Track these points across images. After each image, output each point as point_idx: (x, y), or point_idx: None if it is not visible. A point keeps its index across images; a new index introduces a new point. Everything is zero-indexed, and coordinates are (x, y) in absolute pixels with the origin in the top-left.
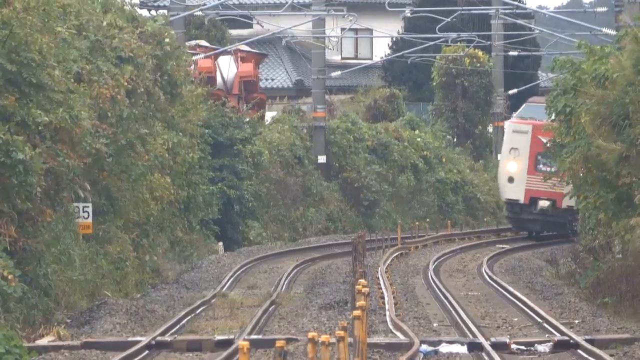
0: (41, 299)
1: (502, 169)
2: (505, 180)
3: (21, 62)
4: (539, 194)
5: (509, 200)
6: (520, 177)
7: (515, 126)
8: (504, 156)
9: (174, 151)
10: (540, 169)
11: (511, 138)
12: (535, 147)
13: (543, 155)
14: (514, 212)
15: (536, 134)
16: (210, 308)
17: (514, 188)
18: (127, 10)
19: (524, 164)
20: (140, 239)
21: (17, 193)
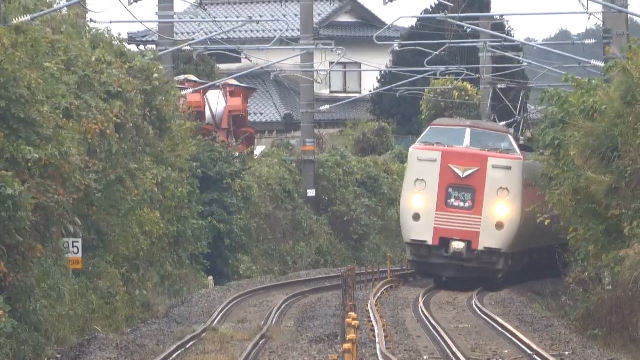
0: (31, 334)
1: (405, 204)
2: (410, 217)
3: (10, 98)
4: (450, 234)
5: (414, 241)
6: (428, 214)
7: (421, 153)
8: (408, 189)
9: (164, 186)
10: (451, 204)
11: (416, 167)
12: (445, 178)
13: (455, 188)
14: (420, 256)
15: (447, 163)
16: (201, 342)
17: (420, 227)
18: (115, 46)
19: (432, 199)
20: (130, 274)
21: (7, 228)
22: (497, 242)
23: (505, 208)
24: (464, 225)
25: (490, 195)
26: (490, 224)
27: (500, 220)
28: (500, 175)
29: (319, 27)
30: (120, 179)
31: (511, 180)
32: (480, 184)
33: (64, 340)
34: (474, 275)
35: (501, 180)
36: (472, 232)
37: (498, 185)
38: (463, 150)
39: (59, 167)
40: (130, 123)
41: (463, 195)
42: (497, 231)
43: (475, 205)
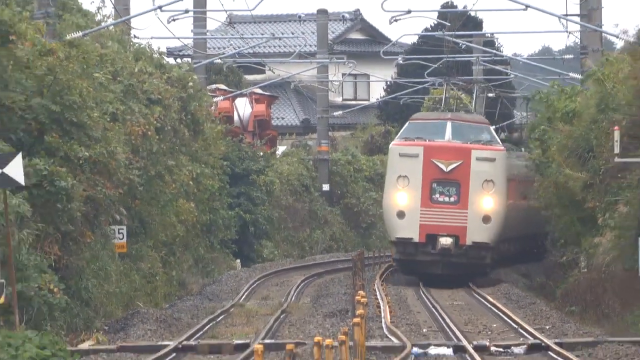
0: (82, 309)
1: (388, 202)
2: (394, 215)
3: (64, 104)
4: (437, 230)
5: (399, 239)
6: (413, 210)
7: (401, 149)
8: (390, 186)
9: (197, 180)
10: (436, 199)
11: (398, 164)
12: (429, 173)
13: (440, 183)
14: (406, 254)
15: (429, 158)
16: (229, 316)
17: (406, 224)
18: (155, 58)
19: (416, 195)
20: (168, 257)
21: (61, 217)
22: (485, 236)
23: (491, 201)
24: (451, 221)
25: (476, 188)
26: (477, 217)
27: (487, 213)
28: (484, 168)
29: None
30: (159, 174)
31: (496, 172)
32: (465, 178)
33: (110, 314)
34: (462, 272)
35: (486, 172)
36: (459, 227)
37: (483, 178)
38: (445, 144)
39: (107, 164)
40: (168, 126)
41: (448, 190)
42: (485, 225)
43: (461, 200)
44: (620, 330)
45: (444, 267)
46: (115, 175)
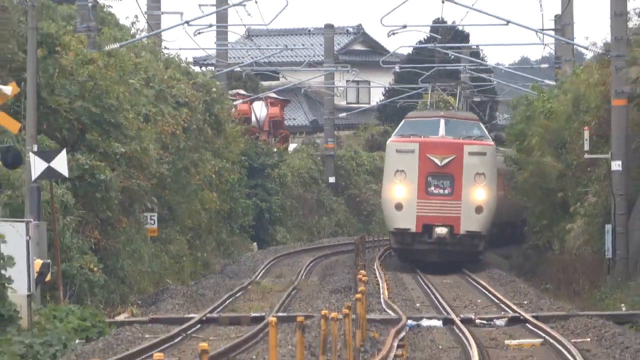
0: (118, 285)
1: (387, 195)
2: (392, 207)
3: (103, 106)
4: (433, 220)
5: (397, 230)
6: (410, 202)
7: (398, 145)
8: (388, 180)
9: (219, 173)
10: (432, 191)
11: (395, 159)
12: (424, 167)
13: (435, 177)
14: (404, 243)
15: (425, 153)
16: (247, 292)
17: (403, 216)
18: (183, 67)
19: (412, 188)
20: (194, 240)
21: (100, 205)
22: (478, 226)
23: (483, 192)
24: (446, 211)
25: (468, 180)
26: (470, 208)
27: (479, 204)
28: (476, 161)
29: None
30: (186, 168)
31: (486, 165)
32: (458, 171)
33: (143, 290)
34: (457, 259)
35: (477, 165)
36: (454, 217)
37: (475, 171)
38: (439, 140)
39: (140, 159)
40: (194, 125)
41: (442, 183)
42: (477, 215)
43: (455, 191)
44: (589, 305)
45: (440, 255)
46: (147, 169)
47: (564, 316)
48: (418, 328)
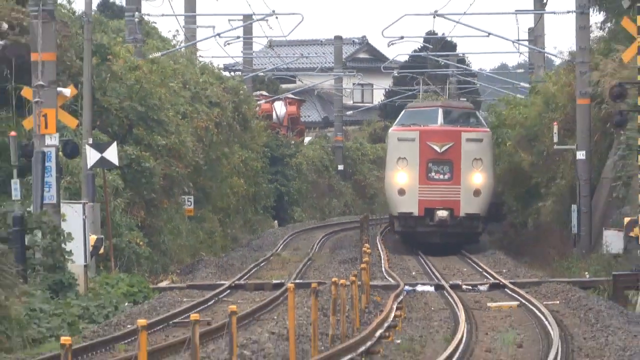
0: (161, 257)
1: (390, 181)
2: (395, 193)
3: (147, 105)
4: (434, 204)
5: (401, 214)
6: (412, 188)
7: (400, 134)
8: (391, 167)
9: (246, 162)
10: (432, 177)
11: (397, 147)
12: (425, 154)
13: (435, 163)
14: (407, 226)
15: (425, 140)
16: (269, 263)
17: (406, 200)
18: (215, 72)
19: (414, 174)
20: (224, 219)
21: (145, 189)
22: (476, 208)
23: (480, 176)
24: (446, 195)
25: (467, 166)
26: (468, 192)
27: (477, 187)
28: (473, 148)
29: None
30: (217, 158)
31: (483, 151)
32: (457, 157)
33: (181, 261)
34: (457, 240)
35: (475, 151)
36: (454, 200)
37: (472, 157)
38: (438, 128)
39: (179, 150)
40: (224, 122)
41: (442, 168)
42: (476, 198)
43: (454, 176)
44: (558, 273)
45: (442, 237)
46: (185, 158)
47: (537, 282)
48: (414, 293)
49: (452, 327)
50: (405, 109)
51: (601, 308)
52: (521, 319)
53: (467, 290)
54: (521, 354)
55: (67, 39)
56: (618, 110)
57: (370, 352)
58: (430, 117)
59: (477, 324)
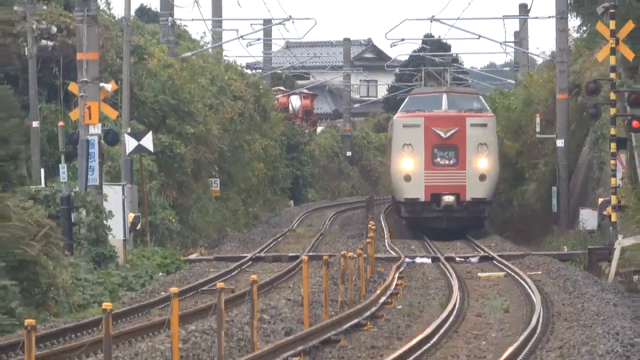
0: (190, 232)
1: (396, 167)
2: (402, 179)
3: (179, 99)
4: (440, 190)
5: (407, 199)
6: (418, 173)
7: (405, 120)
8: (397, 154)
9: (265, 149)
10: (438, 162)
11: (402, 133)
12: (430, 140)
13: (440, 148)
14: (414, 212)
15: (429, 126)
16: (286, 238)
17: (412, 186)
18: (238, 70)
19: (420, 160)
20: (246, 199)
21: (177, 172)
22: (482, 193)
23: (485, 161)
24: (452, 181)
25: (472, 150)
26: (474, 176)
27: (483, 172)
28: (478, 132)
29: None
30: (240, 145)
31: (488, 136)
32: (462, 142)
33: (208, 236)
34: (464, 224)
35: (479, 136)
36: (459, 185)
37: (477, 142)
38: (443, 114)
39: (206, 138)
40: (246, 113)
41: (447, 154)
42: (481, 182)
43: (460, 162)
44: (540, 247)
45: (448, 222)
46: (211, 145)
47: (522, 255)
48: (413, 264)
49: (447, 295)
50: (409, 95)
51: (578, 278)
52: (507, 287)
53: (460, 262)
54: (507, 318)
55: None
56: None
57: (375, 316)
58: (435, 102)
59: (468, 292)
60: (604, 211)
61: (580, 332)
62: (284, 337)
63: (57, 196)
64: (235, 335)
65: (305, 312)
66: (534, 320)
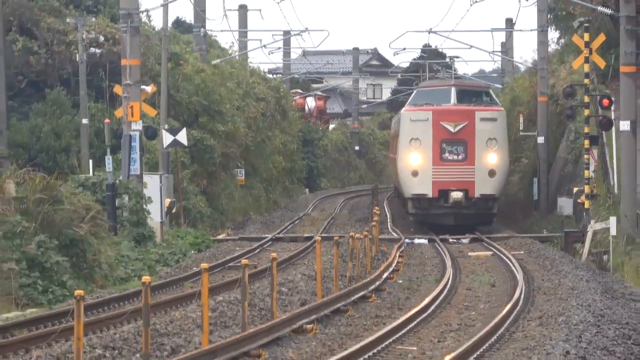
0: (219, 216)
1: (403, 162)
2: (409, 174)
3: (210, 100)
4: (448, 186)
5: (414, 195)
6: (425, 169)
7: (412, 114)
8: (404, 149)
9: (284, 144)
10: (446, 158)
11: (410, 128)
12: (438, 134)
13: (448, 143)
14: (421, 208)
15: (438, 120)
16: (302, 221)
17: (420, 182)
18: (261, 75)
19: (427, 155)
20: (268, 187)
21: (207, 163)
22: (491, 189)
23: (495, 156)
24: (460, 176)
25: (481, 146)
26: (483, 172)
27: (492, 168)
28: (487, 127)
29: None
30: (263, 140)
31: (497, 131)
32: (471, 137)
33: (234, 219)
34: (472, 221)
35: (489, 131)
36: (468, 181)
37: (487, 136)
38: (451, 108)
39: (234, 134)
40: (268, 113)
41: (456, 149)
42: (490, 178)
43: (468, 157)
44: (523, 231)
45: (456, 218)
46: (238, 140)
47: (506, 237)
48: (412, 244)
49: (441, 271)
50: (417, 88)
51: (555, 257)
52: (494, 265)
53: (453, 243)
54: (494, 292)
55: (148, 49)
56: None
57: (379, 289)
58: (443, 96)
59: (460, 269)
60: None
61: (557, 304)
62: (300, 307)
63: (103, 184)
64: (257, 305)
65: (318, 286)
66: (517, 293)
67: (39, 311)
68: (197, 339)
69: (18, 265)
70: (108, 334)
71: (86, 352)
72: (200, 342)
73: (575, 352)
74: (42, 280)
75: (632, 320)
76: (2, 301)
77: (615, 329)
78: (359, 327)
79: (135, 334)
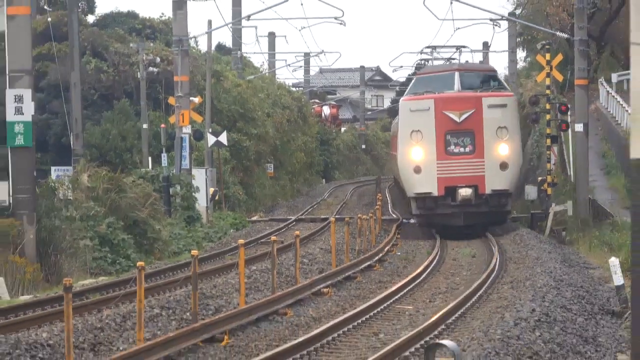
0: (252, 201)
1: (404, 158)
2: (411, 171)
3: (245, 108)
4: (455, 182)
5: (418, 194)
6: (429, 164)
7: (412, 104)
8: (404, 143)
9: (305, 144)
10: (452, 150)
11: (410, 119)
12: (442, 125)
13: (454, 134)
14: (426, 209)
15: (441, 109)
16: (319, 205)
17: (423, 179)
18: (286, 88)
19: (431, 148)
20: (292, 178)
21: (244, 159)
22: (504, 183)
23: (506, 147)
24: (469, 171)
25: (490, 136)
26: (494, 165)
27: (504, 160)
28: (497, 115)
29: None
30: (288, 141)
31: (508, 118)
32: (479, 126)
33: (265, 204)
34: (484, 220)
35: (498, 119)
36: (478, 176)
37: (496, 125)
38: (455, 95)
39: (265, 136)
40: (292, 118)
41: (462, 140)
42: (502, 172)
43: (477, 149)
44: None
45: (466, 218)
46: (268, 141)
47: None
48: (408, 223)
49: (432, 245)
50: (416, 75)
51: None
52: (475, 240)
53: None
54: (474, 261)
55: (196, 68)
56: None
57: (381, 260)
58: (446, 82)
59: (447, 244)
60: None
61: (525, 271)
62: (318, 274)
63: (160, 176)
64: (283, 273)
65: (333, 257)
66: (493, 262)
67: (109, 279)
68: (236, 300)
69: (92, 241)
70: (164, 297)
71: (146, 312)
72: (238, 303)
73: (540, 309)
74: (111, 254)
75: (585, 284)
76: (79, 271)
77: (572, 290)
78: (366, 290)
79: (185, 296)
